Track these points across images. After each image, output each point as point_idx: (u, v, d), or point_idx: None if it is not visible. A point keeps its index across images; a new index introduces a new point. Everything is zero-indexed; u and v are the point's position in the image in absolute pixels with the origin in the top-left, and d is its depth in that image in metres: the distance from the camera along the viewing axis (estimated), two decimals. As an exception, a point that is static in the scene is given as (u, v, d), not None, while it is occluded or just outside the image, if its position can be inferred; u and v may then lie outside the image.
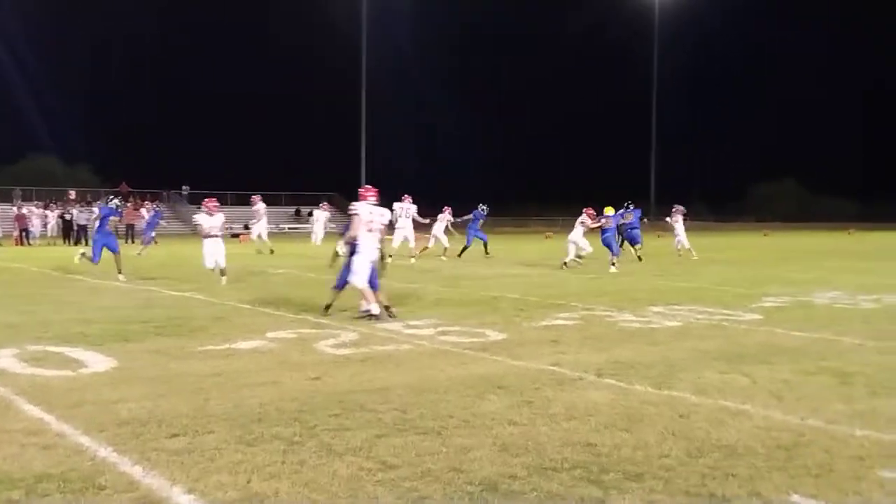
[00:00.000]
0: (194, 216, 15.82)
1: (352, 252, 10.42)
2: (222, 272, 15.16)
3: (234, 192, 57.21)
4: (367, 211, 10.34)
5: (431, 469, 4.50)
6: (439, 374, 7.03)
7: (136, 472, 4.40)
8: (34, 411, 5.66)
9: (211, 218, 15.39)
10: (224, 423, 5.36)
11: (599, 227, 20.08)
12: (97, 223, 17.53)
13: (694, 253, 23.91)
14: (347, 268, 10.48)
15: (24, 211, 34.74)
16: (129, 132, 63.66)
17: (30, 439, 4.97)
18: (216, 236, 15.25)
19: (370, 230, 10.26)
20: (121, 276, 15.79)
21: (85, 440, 4.96)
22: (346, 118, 63.28)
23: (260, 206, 27.45)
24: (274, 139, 67.52)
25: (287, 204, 59.13)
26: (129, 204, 43.12)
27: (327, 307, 10.72)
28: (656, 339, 9.05)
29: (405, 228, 22.82)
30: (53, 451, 4.74)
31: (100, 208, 17.97)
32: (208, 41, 67.07)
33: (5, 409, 5.74)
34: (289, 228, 54.74)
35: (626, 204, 22.83)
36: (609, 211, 20.59)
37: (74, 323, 9.89)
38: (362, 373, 7.06)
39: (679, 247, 24.21)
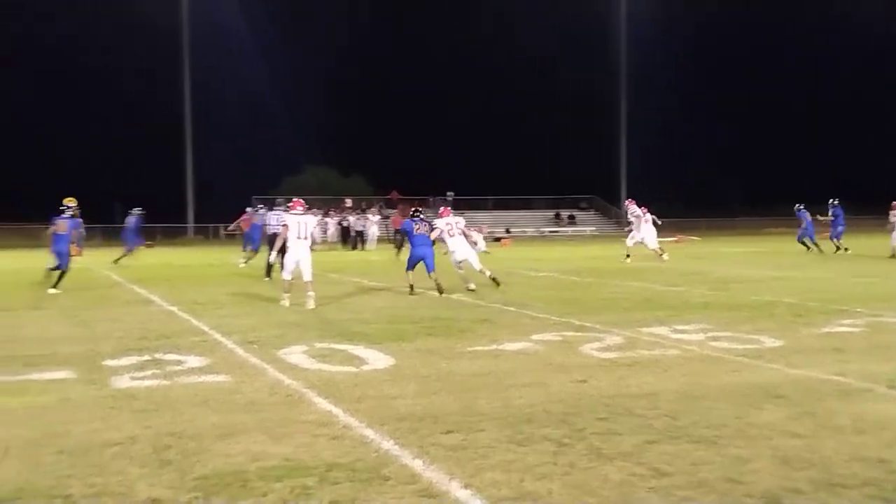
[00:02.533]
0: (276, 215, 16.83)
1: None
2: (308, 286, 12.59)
3: (493, 197, 58.76)
4: (444, 223, 14.82)
5: (707, 479, 4.34)
6: (711, 381, 6.77)
7: (417, 465, 4.62)
8: (323, 404, 6.11)
9: (297, 218, 12.92)
10: (494, 422, 5.50)
11: None
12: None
13: None
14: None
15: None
16: (398, 143, 67.24)
17: (320, 430, 5.37)
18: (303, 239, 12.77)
19: (452, 235, 14.69)
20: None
21: (369, 433, 5.29)
22: (599, 122, 62.95)
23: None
24: (541, 144, 68.45)
25: (546, 208, 59.78)
26: (397, 210, 45.57)
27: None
28: (959, 349, 8.13)
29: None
30: (341, 442, 5.10)
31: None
32: (458, 51, 69.26)
33: (298, 401, 6.25)
34: (549, 232, 55.29)
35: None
36: None
37: (354, 322, 10.59)
38: (629, 377, 6.96)
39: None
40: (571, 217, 58.87)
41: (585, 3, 60.53)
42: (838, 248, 25.62)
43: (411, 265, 14.60)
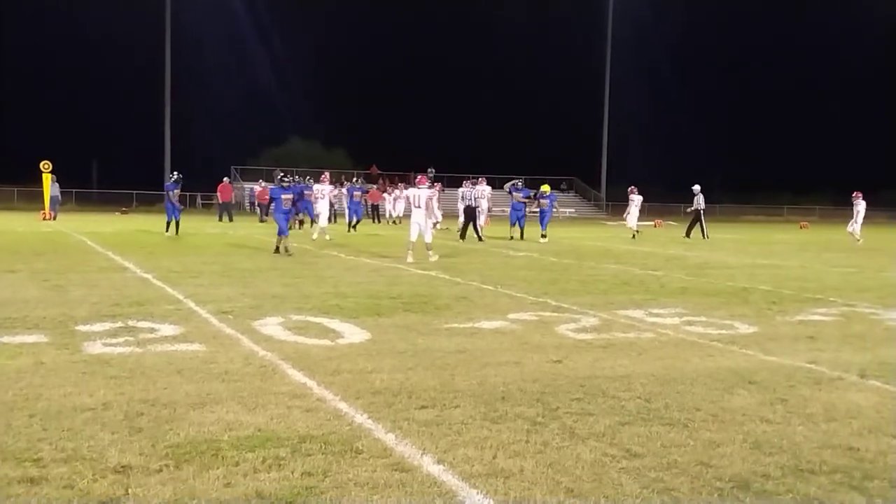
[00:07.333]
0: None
1: None
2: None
3: (473, 175, 58.64)
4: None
5: (678, 461, 4.37)
6: (685, 364, 6.82)
7: (390, 439, 4.62)
8: (297, 376, 6.09)
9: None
10: (469, 399, 5.51)
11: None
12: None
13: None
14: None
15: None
16: (380, 118, 66.95)
17: (294, 402, 5.35)
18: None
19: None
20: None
21: (343, 406, 5.28)
22: (581, 103, 62.93)
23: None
24: (521, 124, 68.36)
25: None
26: (376, 185, 45.40)
27: None
28: (929, 340, 8.24)
29: None
30: (315, 415, 5.08)
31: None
32: (443, 28, 68.97)
33: (272, 372, 6.23)
34: (529, 212, 55.26)
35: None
36: None
37: (331, 296, 10.56)
38: (604, 359, 6.99)
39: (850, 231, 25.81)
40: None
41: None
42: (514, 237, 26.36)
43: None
